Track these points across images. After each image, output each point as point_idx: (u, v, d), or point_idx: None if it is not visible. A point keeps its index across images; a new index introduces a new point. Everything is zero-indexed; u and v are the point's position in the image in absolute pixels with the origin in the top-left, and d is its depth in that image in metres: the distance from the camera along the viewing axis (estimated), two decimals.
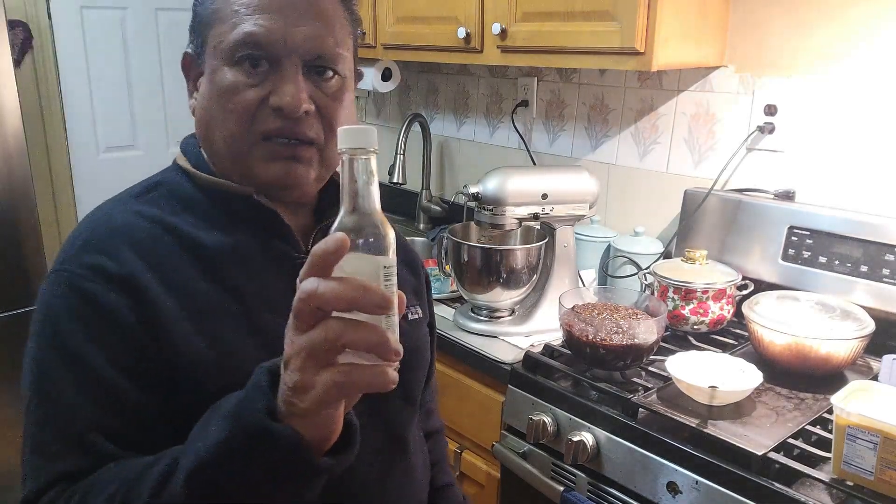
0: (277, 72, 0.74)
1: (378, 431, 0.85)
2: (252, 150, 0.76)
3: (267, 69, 0.74)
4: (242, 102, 0.74)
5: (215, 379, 0.71)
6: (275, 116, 0.74)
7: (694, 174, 1.71)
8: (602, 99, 1.88)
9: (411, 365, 0.89)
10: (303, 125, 0.75)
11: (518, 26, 1.60)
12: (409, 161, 2.29)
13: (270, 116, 0.74)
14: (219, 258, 0.76)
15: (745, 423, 1.14)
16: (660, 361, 1.29)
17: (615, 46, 1.42)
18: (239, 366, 0.68)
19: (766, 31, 1.54)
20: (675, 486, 1.11)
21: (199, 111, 0.79)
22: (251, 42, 0.73)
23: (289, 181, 0.77)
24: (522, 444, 1.35)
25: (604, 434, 1.21)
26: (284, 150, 0.76)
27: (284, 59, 0.74)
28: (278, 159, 0.76)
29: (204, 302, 0.74)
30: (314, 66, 0.76)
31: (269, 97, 0.74)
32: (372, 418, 0.82)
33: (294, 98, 0.73)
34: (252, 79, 0.74)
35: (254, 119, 0.74)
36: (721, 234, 1.59)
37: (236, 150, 0.76)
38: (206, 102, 0.78)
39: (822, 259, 1.44)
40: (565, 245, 1.57)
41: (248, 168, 0.77)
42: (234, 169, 0.78)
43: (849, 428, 0.95)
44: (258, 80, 0.74)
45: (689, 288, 1.44)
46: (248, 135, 0.75)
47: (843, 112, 1.46)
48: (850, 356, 1.25)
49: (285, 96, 0.73)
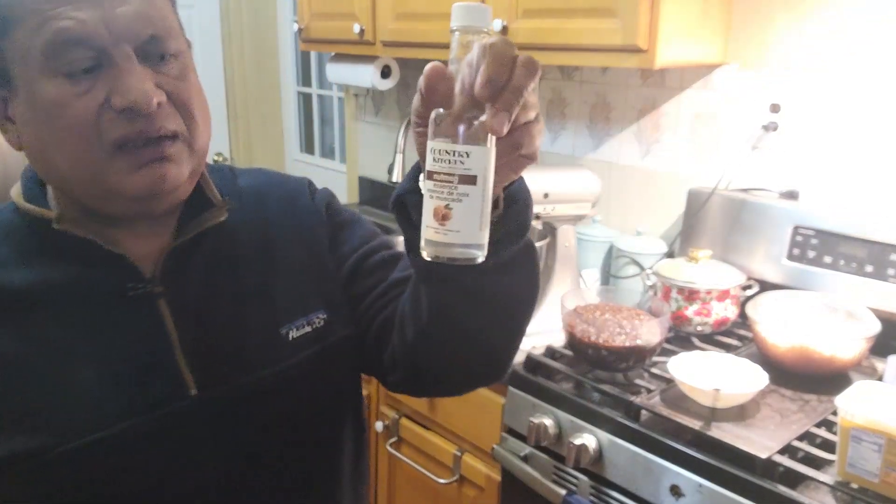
0: (109, 68, 0.62)
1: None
2: (108, 166, 0.63)
3: (94, 69, 0.62)
4: (79, 116, 0.62)
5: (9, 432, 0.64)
6: (123, 120, 0.62)
7: (697, 173, 1.70)
8: (604, 97, 1.87)
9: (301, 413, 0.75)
10: (160, 119, 0.64)
11: (519, 23, 1.59)
12: (409, 160, 2.28)
13: (118, 121, 0.62)
14: (24, 301, 0.67)
15: (749, 425, 1.13)
16: (663, 363, 1.28)
17: (617, 44, 1.41)
18: (27, 428, 0.63)
19: (769, 28, 1.53)
20: (679, 490, 1.10)
21: (28, 141, 0.66)
22: (66, 40, 0.60)
23: (163, 187, 0.66)
24: (523, 447, 1.34)
25: (606, 436, 1.20)
26: (147, 153, 0.64)
27: (113, 51, 0.61)
28: (143, 166, 0.64)
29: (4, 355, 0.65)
30: (147, 51, 0.64)
31: (110, 99, 0.62)
32: None
33: (141, 91, 0.61)
34: (80, 85, 0.61)
35: (99, 130, 0.62)
36: (725, 234, 1.58)
37: (88, 171, 0.64)
38: (31, 129, 0.64)
39: (827, 259, 1.43)
40: (567, 245, 1.56)
41: (109, 187, 0.64)
42: (93, 193, 0.66)
43: (853, 430, 0.95)
44: (88, 85, 0.62)
45: (693, 288, 1.43)
46: (98, 150, 0.63)
47: (848, 110, 1.44)
48: (855, 357, 1.25)
49: (130, 92, 0.61)
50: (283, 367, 0.74)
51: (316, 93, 3.17)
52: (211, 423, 0.70)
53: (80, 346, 0.67)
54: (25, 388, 0.65)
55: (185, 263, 0.72)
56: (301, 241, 0.80)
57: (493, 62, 0.51)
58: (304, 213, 0.81)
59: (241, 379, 0.72)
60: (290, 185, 0.84)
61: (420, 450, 1.67)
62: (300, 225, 0.80)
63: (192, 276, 0.72)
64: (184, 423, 0.69)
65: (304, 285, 0.78)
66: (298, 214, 0.81)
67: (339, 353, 0.78)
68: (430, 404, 1.62)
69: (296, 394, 0.75)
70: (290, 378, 0.74)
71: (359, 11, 2.03)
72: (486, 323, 0.69)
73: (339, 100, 3.00)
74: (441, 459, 1.62)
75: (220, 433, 0.71)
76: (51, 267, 0.68)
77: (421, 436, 1.66)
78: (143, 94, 0.62)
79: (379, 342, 0.78)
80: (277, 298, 0.76)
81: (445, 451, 1.60)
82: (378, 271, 0.80)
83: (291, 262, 0.78)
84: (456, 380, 0.80)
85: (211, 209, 0.73)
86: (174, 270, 0.71)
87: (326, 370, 0.77)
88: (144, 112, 0.62)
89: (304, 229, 0.80)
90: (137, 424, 0.66)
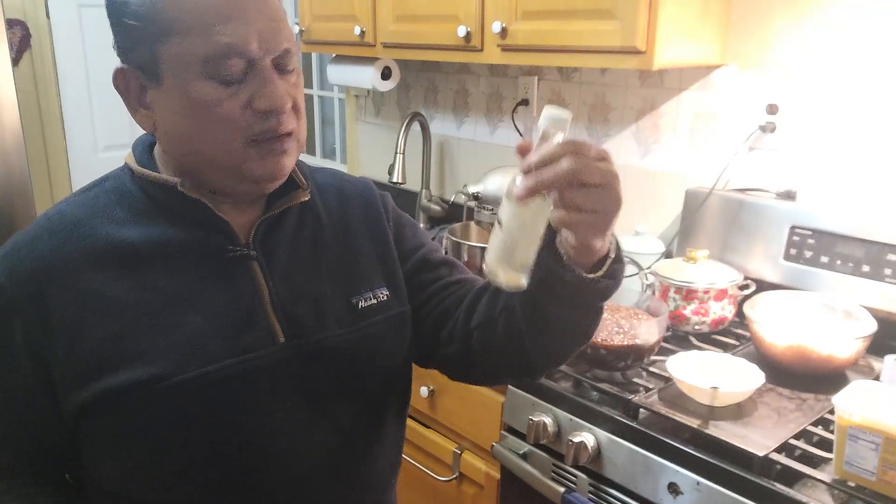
0: (254, 76, 0.75)
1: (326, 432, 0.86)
2: (244, 154, 0.77)
3: (244, 76, 0.75)
4: (228, 114, 0.75)
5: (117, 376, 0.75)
6: (260, 118, 0.76)
7: (695, 173, 1.70)
8: (603, 98, 1.88)
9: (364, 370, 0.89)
10: (286, 120, 0.77)
11: (519, 25, 1.60)
12: (409, 160, 2.28)
13: (256, 119, 0.76)
14: (141, 255, 0.78)
15: (746, 423, 1.14)
16: (661, 362, 1.28)
17: (616, 45, 1.42)
18: (144, 361, 0.75)
19: (768, 29, 1.53)
20: (677, 487, 1.10)
21: (168, 126, 0.79)
22: (231, 52, 0.73)
23: (281, 173, 0.80)
24: (522, 445, 1.35)
25: (605, 435, 1.21)
26: (275, 145, 0.78)
27: (260, 62, 0.75)
28: (270, 156, 0.78)
29: (113, 303, 0.76)
30: (280, 63, 0.77)
31: (253, 101, 0.75)
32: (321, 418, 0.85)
33: (280, 97, 0.76)
34: (231, 88, 0.75)
35: (240, 126, 0.76)
36: (722, 234, 1.59)
37: (229, 157, 0.77)
38: (177, 118, 0.77)
39: (824, 259, 1.43)
40: None
41: (242, 171, 0.78)
42: (226, 174, 0.79)
43: (850, 428, 0.95)
44: (237, 89, 0.75)
45: (691, 288, 1.43)
46: (238, 141, 0.76)
47: (846, 111, 1.45)
48: (851, 356, 1.25)
49: (273, 99, 0.75)
50: (353, 329, 0.86)
51: (317, 94, 3.18)
52: (293, 369, 0.82)
53: (188, 295, 0.78)
54: (142, 330, 0.76)
55: (275, 233, 0.85)
56: (369, 230, 0.93)
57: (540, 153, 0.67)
58: (373, 208, 0.96)
59: (319, 335, 0.84)
60: (359, 183, 0.99)
61: (420, 447, 1.67)
62: (369, 216, 0.95)
63: (279, 244, 0.85)
64: (272, 366, 0.80)
65: (372, 266, 0.91)
66: (368, 208, 0.95)
67: (398, 324, 0.92)
68: (430, 403, 1.63)
69: (363, 353, 0.87)
70: (358, 340, 0.87)
71: (359, 13, 2.04)
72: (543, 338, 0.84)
73: (339, 101, 3.00)
74: (441, 457, 1.62)
75: (301, 379, 0.83)
76: (163, 227, 0.80)
77: (421, 434, 1.66)
78: (281, 98, 0.76)
79: (439, 321, 0.94)
80: (350, 273, 0.89)
81: (445, 449, 1.61)
82: (442, 268, 0.97)
83: (361, 246, 0.92)
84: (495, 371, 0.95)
85: (296, 190, 0.87)
86: (265, 238, 0.84)
87: (388, 337, 0.90)
88: (280, 113, 0.76)
89: (372, 220, 0.94)
90: (234, 364, 0.78)
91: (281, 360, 0.81)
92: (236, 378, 0.78)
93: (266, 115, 0.76)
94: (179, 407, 0.76)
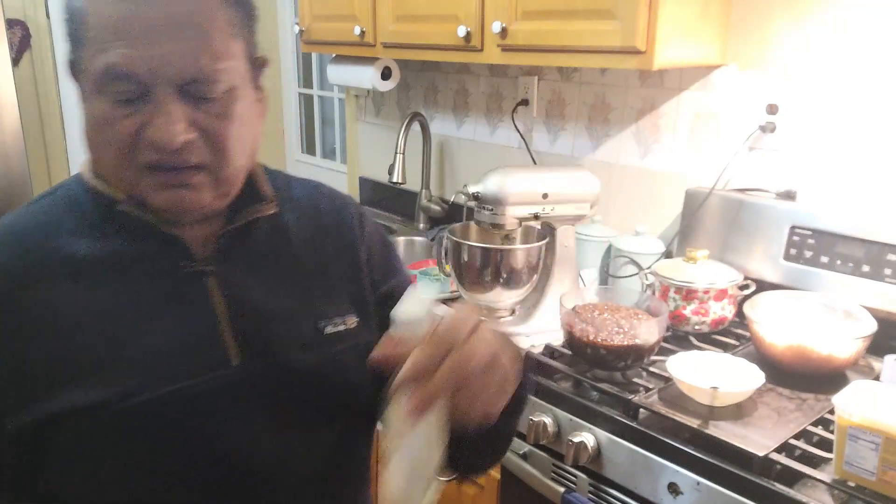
0: (148, 102, 0.67)
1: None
2: (139, 180, 0.71)
3: (137, 100, 0.68)
4: (118, 135, 0.68)
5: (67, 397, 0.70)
6: (152, 149, 0.68)
7: (695, 173, 1.70)
8: (603, 98, 1.88)
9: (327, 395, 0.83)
10: (184, 153, 0.69)
11: (519, 25, 1.60)
12: (409, 160, 2.28)
13: (149, 148, 0.68)
14: (92, 270, 0.73)
15: (746, 423, 1.14)
16: (661, 362, 1.28)
17: (616, 45, 1.42)
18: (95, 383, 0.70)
19: (768, 29, 1.53)
20: (677, 487, 1.10)
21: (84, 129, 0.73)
22: (114, 74, 0.66)
23: (182, 207, 0.72)
24: (523, 445, 1.35)
25: (605, 435, 1.21)
26: (170, 178, 0.70)
27: (153, 89, 0.67)
28: (167, 188, 0.71)
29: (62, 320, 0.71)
30: (188, 91, 0.68)
31: (143, 129, 0.68)
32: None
33: (167, 132, 0.67)
34: (124, 108, 0.68)
35: (133, 150, 0.69)
36: (722, 234, 1.59)
37: (123, 179, 0.72)
38: (85, 125, 0.72)
39: (824, 259, 1.43)
40: (566, 245, 1.56)
41: (141, 197, 0.72)
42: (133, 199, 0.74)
43: (850, 428, 0.95)
44: (132, 109, 0.68)
45: (691, 288, 1.43)
46: (132, 166, 0.70)
47: (846, 111, 1.45)
48: (851, 356, 1.25)
49: (157, 131, 0.67)
50: (316, 354, 0.80)
51: (317, 94, 3.18)
52: (253, 390, 0.76)
53: (138, 313, 0.73)
54: (87, 348, 0.71)
55: (238, 247, 0.79)
56: (343, 252, 0.87)
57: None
58: (346, 228, 0.89)
59: (279, 357, 0.78)
60: (338, 201, 0.92)
61: None
62: (343, 238, 0.88)
63: (241, 259, 0.80)
64: (229, 388, 0.75)
65: (342, 290, 0.85)
66: (341, 227, 0.89)
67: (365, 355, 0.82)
68: None
69: (327, 379, 0.81)
70: (322, 364, 0.80)
71: (359, 13, 2.04)
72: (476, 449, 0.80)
73: (339, 101, 3.00)
74: None
75: (261, 400, 0.77)
76: (113, 240, 0.75)
77: None
78: (168, 133, 0.67)
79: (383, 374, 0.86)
80: (317, 296, 0.83)
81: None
82: None
83: (333, 268, 0.85)
84: None
85: (261, 203, 0.81)
86: (224, 253, 0.78)
87: (353, 367, 0.82)
88: (167, 150, 0.68)
89: (346, 242, 0.88)
90: (189, 387, 0.73)
91: (238, 381, 0.76)
92: (193, 400, 0.73)
93: (158, 146, 0.68)
94: (135, 430, 0.71)
